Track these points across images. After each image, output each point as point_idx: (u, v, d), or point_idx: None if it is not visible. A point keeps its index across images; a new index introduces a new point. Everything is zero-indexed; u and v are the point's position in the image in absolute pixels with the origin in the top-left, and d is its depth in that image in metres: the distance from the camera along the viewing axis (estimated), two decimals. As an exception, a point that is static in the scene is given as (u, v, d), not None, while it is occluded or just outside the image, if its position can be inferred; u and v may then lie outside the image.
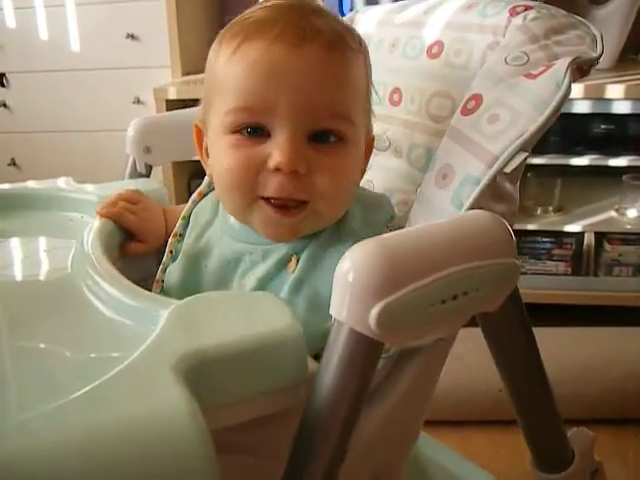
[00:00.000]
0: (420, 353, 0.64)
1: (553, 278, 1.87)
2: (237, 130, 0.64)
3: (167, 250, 0.75)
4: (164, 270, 0.74)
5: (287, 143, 0.62)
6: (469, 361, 1.54)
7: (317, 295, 0.65)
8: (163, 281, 0.74)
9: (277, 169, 0.62)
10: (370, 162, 0.84)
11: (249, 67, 0.62)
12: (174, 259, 0.74)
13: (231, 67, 0.64)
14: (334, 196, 0.65)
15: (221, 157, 0.66)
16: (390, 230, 0.68)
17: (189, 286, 0.71)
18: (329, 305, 0.61)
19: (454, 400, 1.51)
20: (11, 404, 0.49)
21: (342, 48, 0.64)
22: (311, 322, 0.59)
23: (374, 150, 0.84)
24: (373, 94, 0.72)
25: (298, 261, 0.67)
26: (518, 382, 0.65)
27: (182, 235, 0.76)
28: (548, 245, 1.86)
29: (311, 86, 0.62)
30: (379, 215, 0.70)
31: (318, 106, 0.62)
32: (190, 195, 0.83)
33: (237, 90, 0.63)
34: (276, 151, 0.62)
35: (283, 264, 0.67)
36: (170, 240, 0.76)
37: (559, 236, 1.85)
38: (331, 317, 0.61)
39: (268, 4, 0.67)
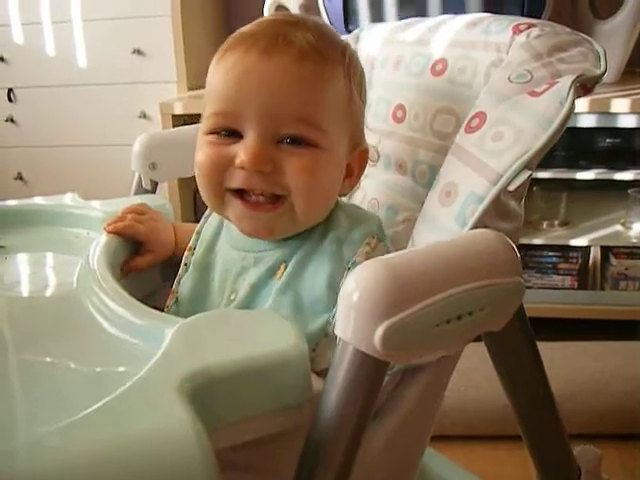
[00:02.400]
0: (425, 370, 0.64)
1: (559, 292, 1.86)
2: (214, 132, 0.68)
3: (182, 263, 0.78)
4: (179, 282, 0.78)
5: (252, 144, 0.65)
6: (475, 376, 1.53)
7: (300, 299, 0.67)
8: (177, 292, 0.77)
9: (242, 167, 0.66)
10: (374, 179, 0.84)
11: (225, 74, 0.67)
12: (187, 272, 0.78)
13: (214, 75, 0.69)
14: (307, 193, 0.66)
15: (197, 154, 0.71)
16: (377, 242, 0.68)
17: (199, 297, 0.75)
18: (312, 309, 0.66)
19: (461, 415, 1.51)
20: (18, 421, 0.49)
21: (314, 58, 0.66)
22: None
23: (379, 168, 0.84)
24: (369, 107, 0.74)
25: (286, 268, 0.69)
26: (523, 400, 0.64)
27: (194, 248, 0.79)
28: (554, 259, 1.86)
29: (278, 93, 0.65)
30: (364, 228, 0.69)
31: (284, 112, 0.65)
32: (196, 210, 0.84)
33: (215, 96, 0.68)
34: (242, 151, 0.66)
35: (273, 271, 0.70)
36: (185, 254, 0.79)
37: (565, 250, 1.85)
38: (314, 320, 0.65)
39: (260, 19, 0.71)
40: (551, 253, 1.86)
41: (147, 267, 0.81)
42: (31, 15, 2.12)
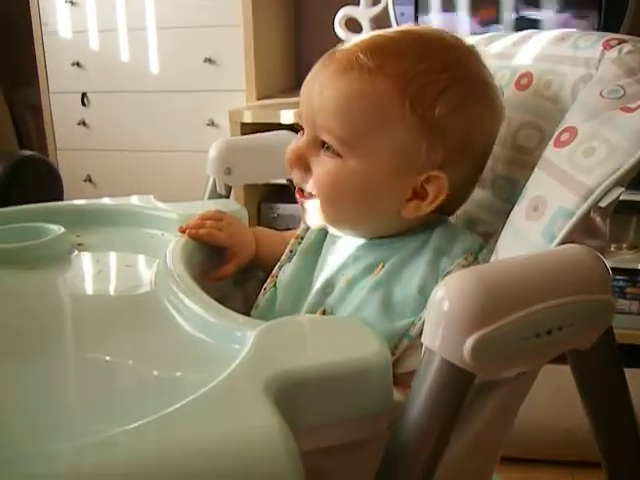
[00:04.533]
0: (502, 386, 0.63)
1: (626, 317, 1.81)
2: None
3: (287, 250, 0.83)
4: (280, 267, 0.81)
5: (295, 143, 0.73)
6: (535, 398, 1.50)
7: (390, 297, 0.68)
8: (277, 277, 0.81)
9: None
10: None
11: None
12: (291, 259, 0.81)
13: None
14: (322, 199, 0.72)
15: None
16: (473, 260, 0.69)
17: (298, 284, 0.78)
18: (399, 309, 0.67)
19: (520, 437, 1.47)
20: (96, 419, 0.49)
21: (351, 74, 0.68)
22: (379, 322, 0.64)
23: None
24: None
25: (384, 267, 0.71)
26: (606, 424, 0.62)
27: (302, 237, 0.82)
28: (621, 283, 1.81)
29: (316, 103, 0.70)
30: (465, 245, 0.70)
31: (319, 120, 0.70)
32: (259, 219, 0.87)
33: None
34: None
35: (371, 269, 0.71)
36: (292, 241, 0.83)
37: (633, 274, 1.80)
38: (399, 321, 0.66)
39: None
40: (619, 277, 1.81)
41: (231, 274, 0.83)
42: (108, 22, 2.18)
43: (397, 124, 0.68)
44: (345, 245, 0.77)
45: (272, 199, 1.99)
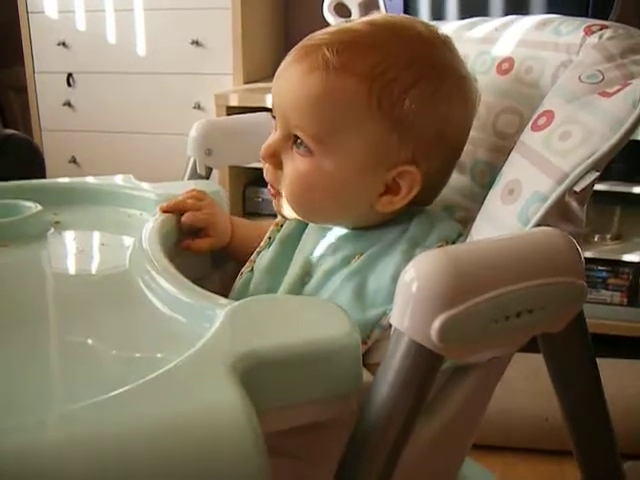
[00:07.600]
0: (475, 371, 0.63)
1: (607, 308, 1.83)
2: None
3: (266, 236, 0.83)
4: (259, 253, 0.81)
5: (270, 138, 0.73)
6: (515, 387, 1.52)
7: (364, 286, 0.68)
8: (254, 262, 0.81)
9: None
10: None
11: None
12: (269, 246, 0.81)
13: None
14: (290, 196, 0.72)
15: None
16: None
17: (275, 270, 0.78)
18: (372, 298, 0.67)
19: (498, 425, 1.49)
20: (65, 394, 0.50)
21: (320, 73, 0.68)
22: (352, 310, 0.62)
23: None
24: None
25: (359, 258, 0.71)
26: (577, 408, 0.62)
27: (282, 225, 0.82)
28: (604, 274, 1.82)
29: (287, 100, 0.70)
30: (441, 233, 0.70)
31: (291, 117, 0.70)
32: (244, 203, 0.86)
33: None
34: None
35: (347, 261, 0.71)
36: (271, 228, 0.83)
37: (616, 265, 1.81)
38: (371, 309, 0.66)
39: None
40: (601, 267, 1.82)
41: (205, 250, 0.83)
42: (94, 2, 2.16)
43: (366, 121, 0.68)
44: (325, 235, 0.76)
45: (257, 183, 1.99)
